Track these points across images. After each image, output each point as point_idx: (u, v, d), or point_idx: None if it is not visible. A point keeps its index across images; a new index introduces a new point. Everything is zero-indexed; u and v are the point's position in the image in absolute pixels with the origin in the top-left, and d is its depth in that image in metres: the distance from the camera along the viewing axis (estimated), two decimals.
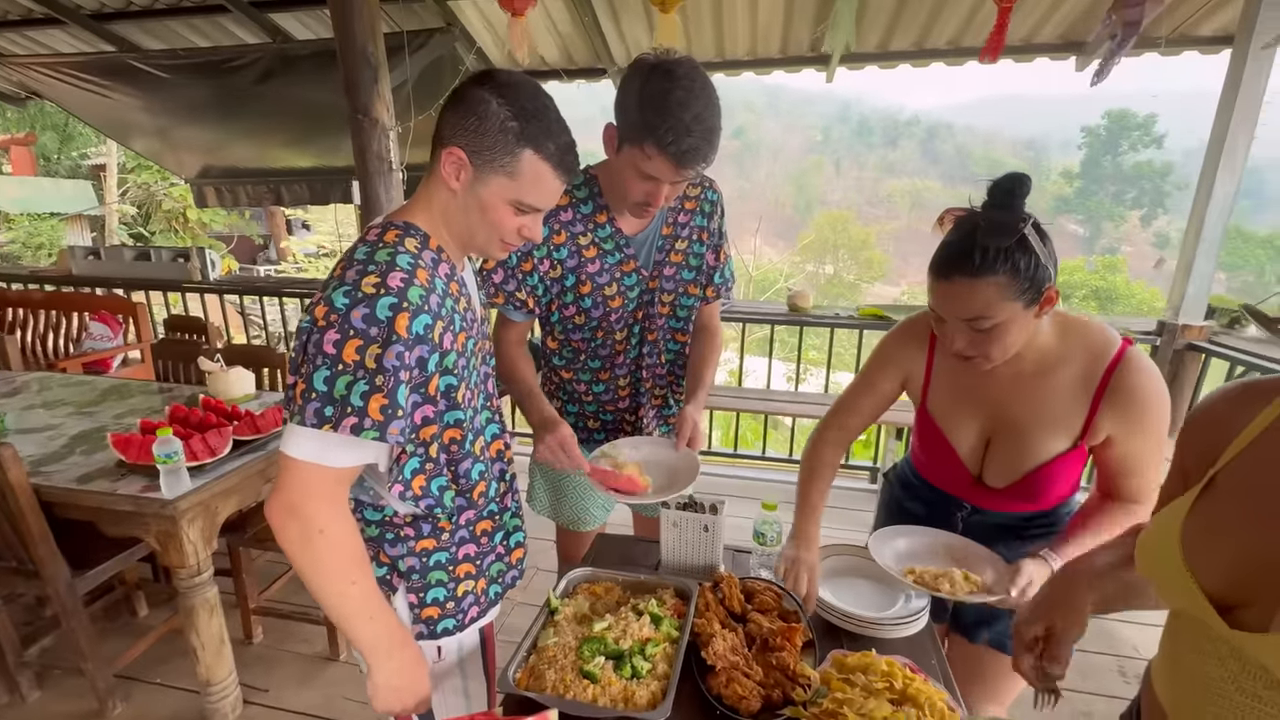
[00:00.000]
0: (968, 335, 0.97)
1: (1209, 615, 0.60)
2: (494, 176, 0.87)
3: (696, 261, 1.42)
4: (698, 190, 1.40)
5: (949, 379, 1.14)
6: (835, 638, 1.08)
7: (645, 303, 1.38)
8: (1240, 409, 0.67)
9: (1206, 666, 0.62)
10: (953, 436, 1.14)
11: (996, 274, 0.91)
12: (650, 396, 1.48)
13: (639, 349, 1.43)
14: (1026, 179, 0.93)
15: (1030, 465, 1.07)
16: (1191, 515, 0.65)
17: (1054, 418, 1.04)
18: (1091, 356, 1.01)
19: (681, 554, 1.24)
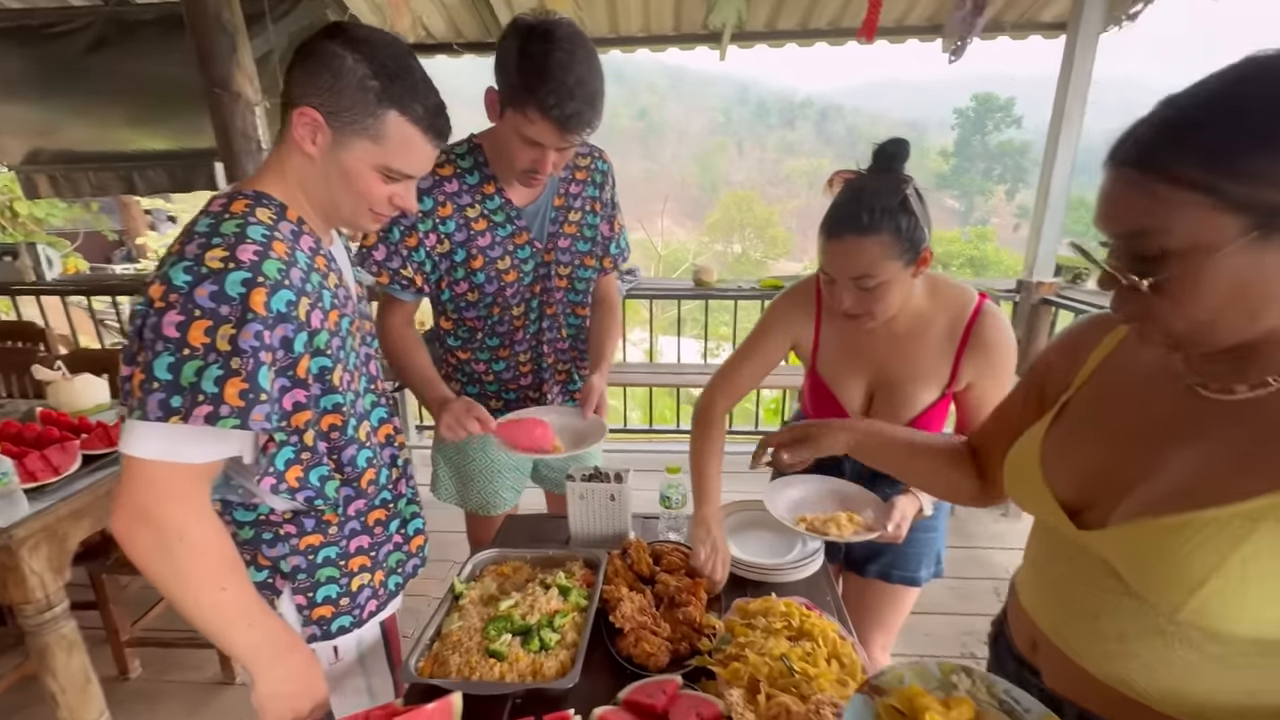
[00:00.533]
0: (855, 294, 1.02)
1: (1061, 520, 0.67)
2: (356, 140, 0.81)
3: (591, 233, 1.40)
4: (587, 160, 1.39)
5: (835, 341, 1.20)
6: (741, 587, 1.12)
7: (541, 276, 1.35)
8: (1086, 340, 0.76)
9: (1059, 567, 0.69)
10: (841, 395, 1.22)
11: (881, 233, 0.97)
12: (554, 372, 1.46)
13: (538, 324, 1.40)
14: (906, 144, 1.01)
15: (908, 416, 1.16)
16: (1048, 435, 0.73)
17: (926, 371, 1.13)
18: (954, 313, 1.11)
19: (590, 525, 1.24)
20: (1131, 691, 0.62)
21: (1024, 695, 0.65)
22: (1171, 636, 0.59)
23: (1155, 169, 0.50)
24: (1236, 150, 0.47)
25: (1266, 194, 0.46)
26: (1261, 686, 0.56)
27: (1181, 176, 0.48)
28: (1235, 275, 0.50)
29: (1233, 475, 0.55)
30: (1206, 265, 0.49)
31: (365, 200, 0.86)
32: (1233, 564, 0.52)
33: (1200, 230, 0.49)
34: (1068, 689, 0.69)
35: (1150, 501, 0.59)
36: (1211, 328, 0.53)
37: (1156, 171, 0.50)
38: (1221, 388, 0.58)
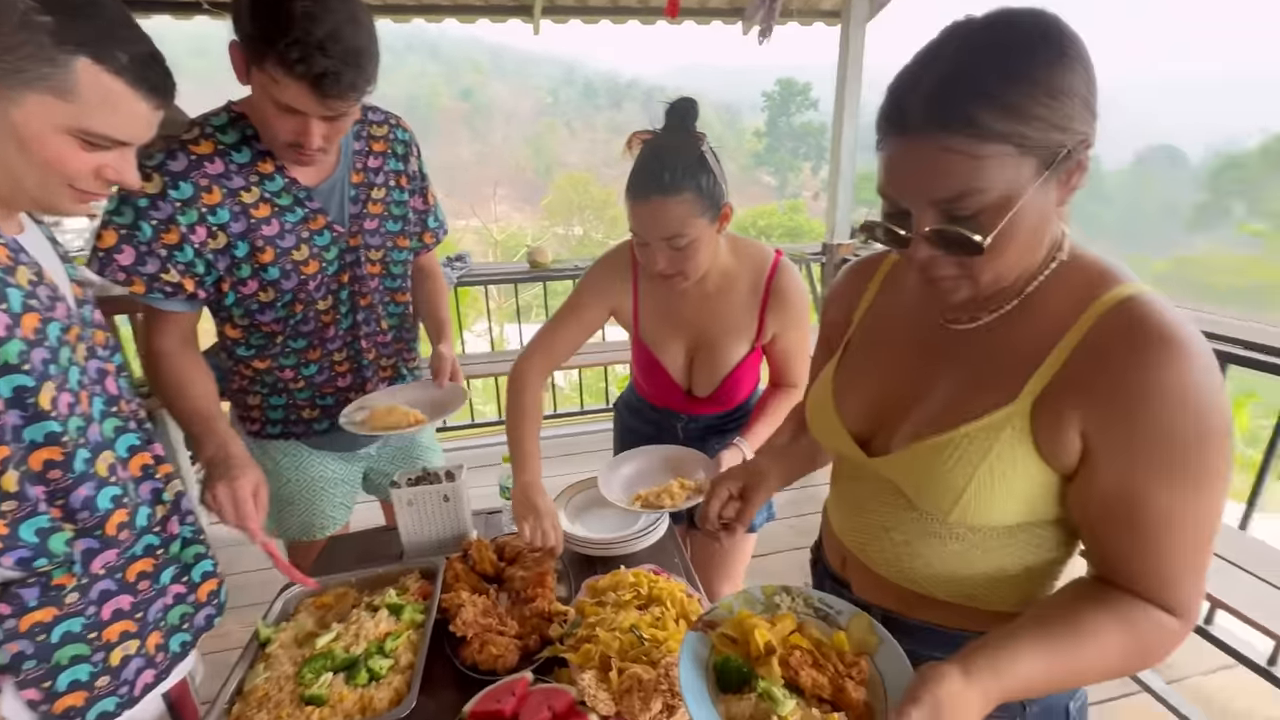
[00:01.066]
0: (668, 254, 1.04)
1: (854, 450, 0.74)
2: (30, 94, 0.62)
3: (400, 210, 1.26)
4: (385, 130, 1.24)
5: (653, 306, 1.22)
6: (590, 566, 1.10)
7: (349, 264, 1.19)
8: (856, 283, 0.83)
9: (857, 491, 0.77)
10: (663, 358, 1.25)
11: (684, 191, 0.99)
12: (377, 369, 1.31)
13: (352, 317, 1.23)
14: (694, 102, 1.04)
15: (724, 372, 1.22)
16: (836, 375, 0.79)
17: (736, 326, 1.20)
18: (755, 270, 1.17)
19: (425, 532, 1.14)
20: (918, 586, 0.72)
21: (836, 600, 0.72)
22: (944, 536, 0.68)
23: (964, 128, 0.50)
24: (1022, 95, 0.50)
25: (1049, 133, 0.51)
26: (1007, 562, 0.67)
27: (990, 130, 0.50)
28: (1031, 217, 0.54)
29: (976, 394, 0.63)
30: (1015, 213, 0.52)
31: (58, 173, 0.67)
32: (982, 472, 0.61)
33: (1010, 180, 0.52)
34: (872, 594, 0.77)
35: (920, 426, 0.67)
36: (1010, 271, 0.58)
37: (966, 130, 0.50)
38: (971, 318, 0.66)
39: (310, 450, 1.30)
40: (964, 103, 0.50)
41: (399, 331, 1.33)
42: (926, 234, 0.55)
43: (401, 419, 1.14)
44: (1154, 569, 0.57)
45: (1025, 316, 0.62)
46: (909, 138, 0.54)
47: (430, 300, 1.38)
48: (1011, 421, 0.60)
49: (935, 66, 0.53)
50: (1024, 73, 0.50)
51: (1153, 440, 0.53)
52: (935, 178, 0.53)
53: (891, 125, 0.55)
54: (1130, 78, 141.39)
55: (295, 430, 1.27)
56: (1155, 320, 0.54)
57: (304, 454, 1.30)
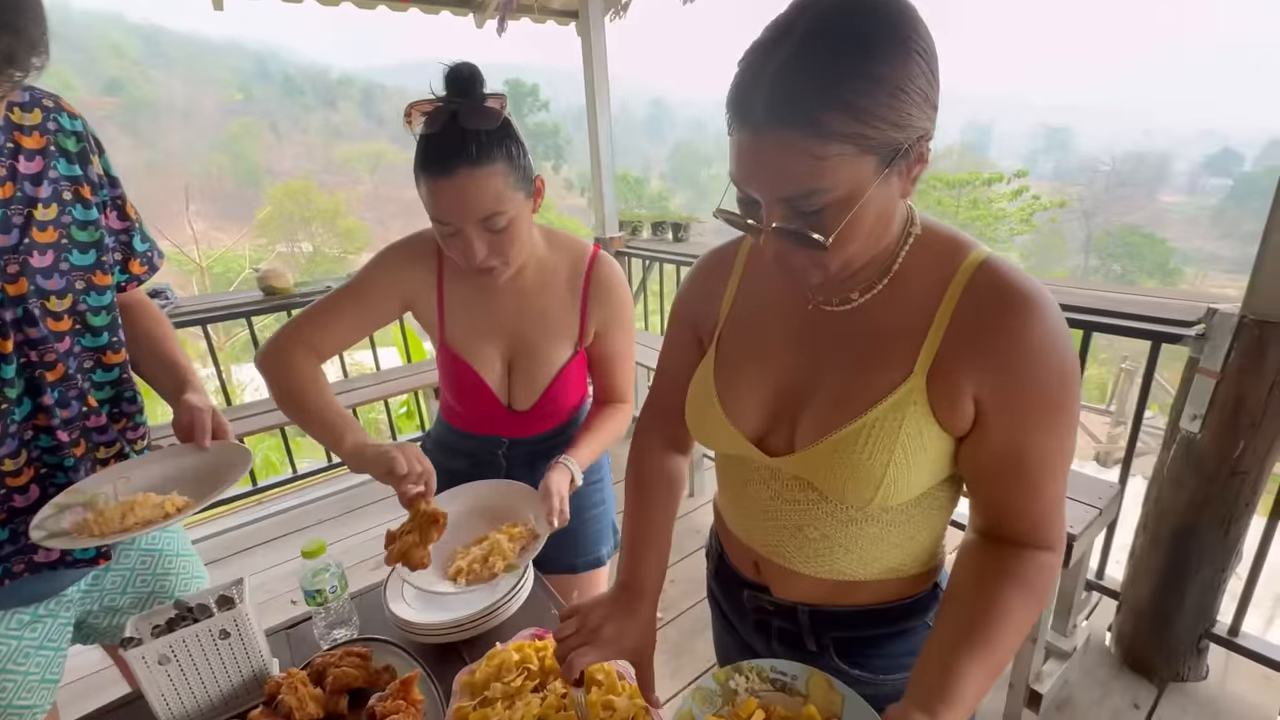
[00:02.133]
0: (485, 238, 0.91)
1: (750, 451, 0.69)
2: None
3: (90, 234, 0.87)
4: (37, 116, 0.83)
5: (462, 306, 1.06)
6: (454, 656, 0.89)
7: (14, 322, 0.78)
8: (715, 276, 0.77)
9: (756, 491, 0.72)
10: (478, 366, 1.08)
11: (496, 162, 0.87)
12: (91, 465, 0.90)
13: (33, 400, 0.82)
14: (475, 67, 0.89)
15: (546, 379, 1.08)
16: (717, 374, 0.73)
17: (557, 325, 1.07)
18: (573, 261, 1.07)
19: (197, 694, 0.79)
20: (841, 575, 0.70)
21: (788, 664, 0.68)
22: (861, 521, 0.67)
23: (806, 127, 0.48)
24: (865, 95, 0.48)
25: (889, 132, 0.50)
26: (919, 528, 0.69)
27: (832, 132, 0.48)
28: (875, 209, 0.54)
29: (869, 375, 0.62)
30: (859, 209, 0.52)
31: None
32: (897, 454, 0.61)
33: (852, 179, 0.51)
34: (794, 593, 0.74)
35: (822, 418, 0.65)
36: (858, 258, 0.58)
37: (808, 129, 0.48)
38: (842, 300, 0.66)
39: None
40: (805, 102, 0.48)
41: (118, 404, 0.94)
42: (775, 229, 0.54)
43: (154, 510, 0.80)
44: (1037, 511, 0.61)
45: (896, 292, 0.63)
46: (754, 130, 0.51)
47: (152, 339, 1.02)
48: (912, 396, 0.60)
49: (779, 53, 0.49)
50: (865, 69, 0.48)
51: (1033, 392, 0.57)
52: (780, 174, 0.51)
53: (738, 115, 0.52)
54: None
55: None
56: (1015, 281, 0.58)
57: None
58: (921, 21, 0.51)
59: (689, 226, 3.56)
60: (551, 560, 1.18)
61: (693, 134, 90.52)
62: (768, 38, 0.51)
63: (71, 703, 1.19)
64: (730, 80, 0.53)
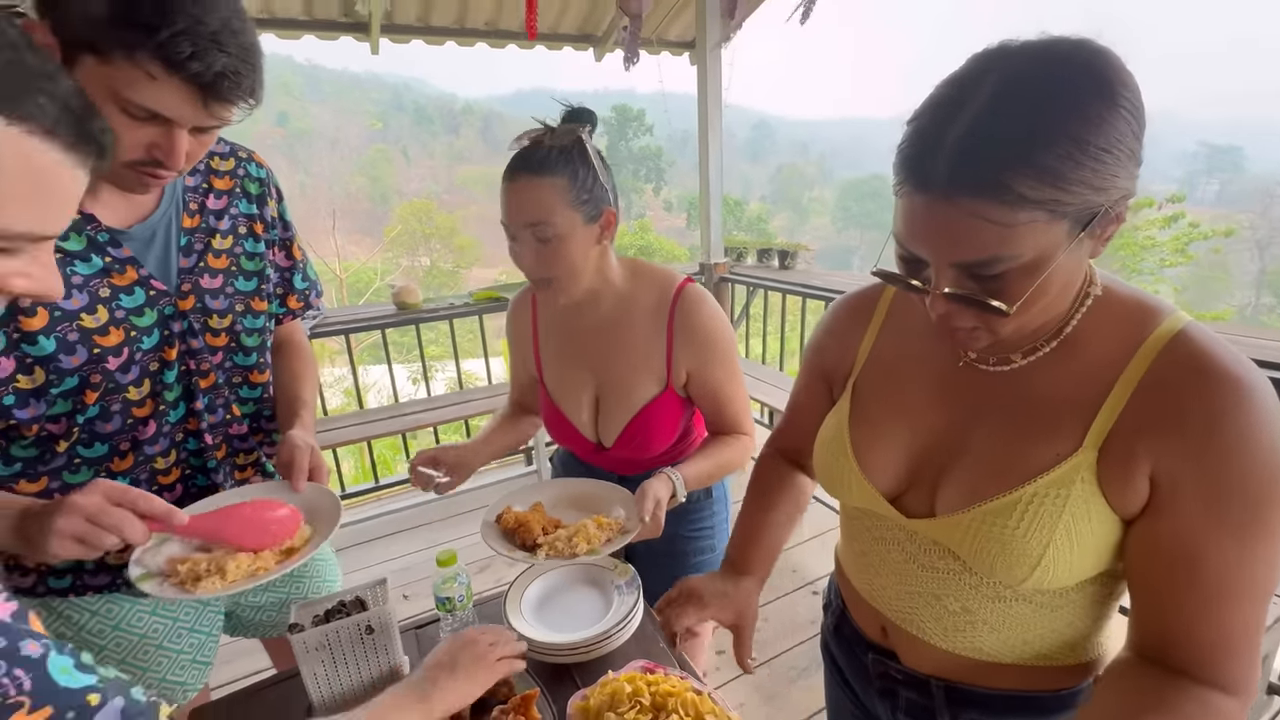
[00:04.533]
0: (533, 248, 0.95)
1: (887, 510, 0.66)
2: None
3: (254, 265, 0.99)
4: (230, 164, 0.97)
5: (553, 345, 1.13)
6: (566, 675, 0.92)
7: (180, 334, 0.89)
8: (855, 321, 0.75)
9: (888, 552, 0.68)
10: (565, 407, 1.13)
11: (556, 174, 0.92)
12: (230, 470, 1.01)
13: (186, 405, 0.93)
14: (592, 113, 0.99)
15: (629, 415, 1.08)
16: (852, 424, 0.71)
17: (640, 361, 1.06)
18: (658, 295, 1.06)
19: (342, 680, 0.87)
20: (981, 654, 0.65)
21: None
22: (1010, 600, 0.62)
23: (994, 194, 0.45)
24: (1063, 158, 0.45)
25: (1088, 196, 0.46)
26: (1078, 616, 0.63)
27: (1024, 199, 0.45)
28: (1063, 275, 0.50)
29: (1032, 444, 0.57)
30: (1046, 275, 0.49)
31: None
32: (1060, 533, 0.55)
33: (1042, 244, 0.48)
34: (927, 665, 0.69)
35: (971, 485, 0.60)
36: (1034, 322, 0.54)
37: (996, 197, 0.45)
38: (1000, 360, 0.61)
39: (131, 600, 0.95)
40: (996, 166, 0.45)
41: (257, 421, 1.04)
42: (945, 294, 0.51)
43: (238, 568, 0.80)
44: (1209, 635, 0.52)
45: (1067, 357, 0.58)
46: (932, 197, 0.48)
47: (290, 374, 1.09)
48: (1080, 473, 0.55)
49: (963, 116, 0.46)
50: (1068, 130, 0.44)
51: (1224, 486, 0.50)
52: (959, 241, 0.48)
53: (911, 178, 0.49)
54: None
55: (96, 581, 0.91)
56: (1218, 357, 0.51)
57: (122, 606, 0.94)
58: (1128, 71, 0.47)
59: (796, 254, 3.50)
60: (654, 598, 1.19)
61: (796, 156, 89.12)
62: (947, 95, 0.48)
63: None
64: (904, 131, 0.51)
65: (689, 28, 3.62)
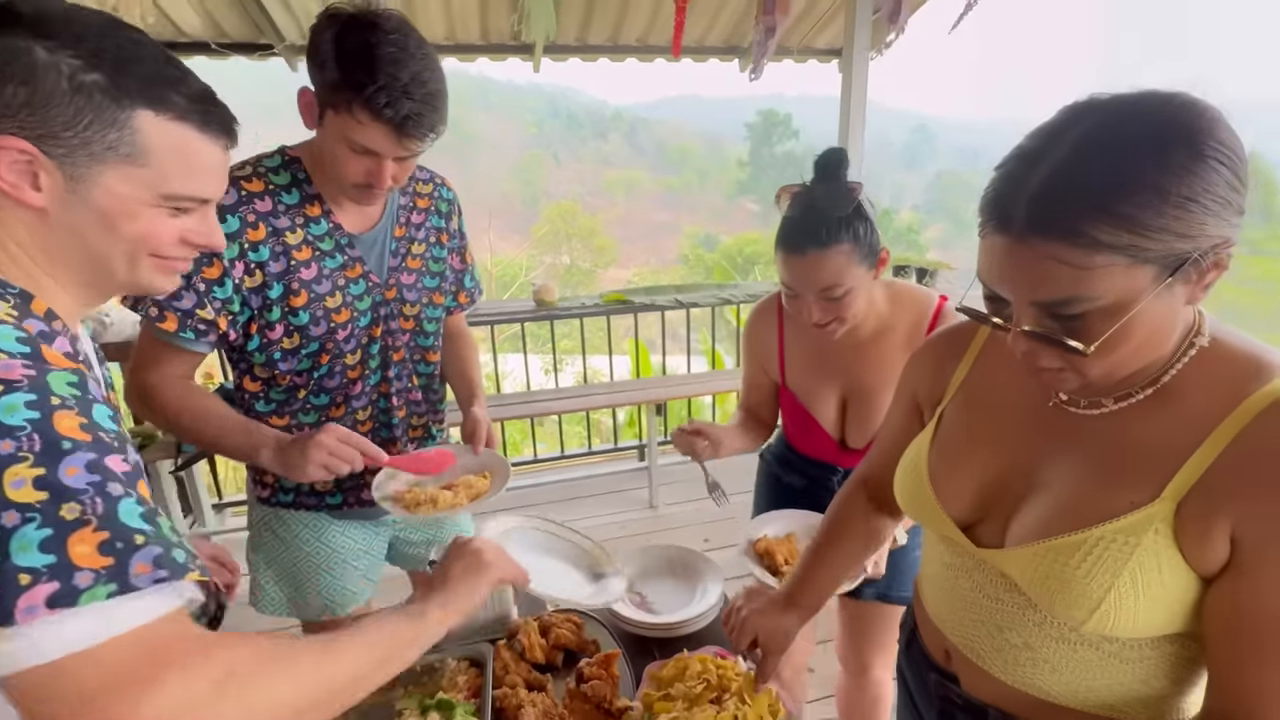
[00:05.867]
0: (822, 305, 1.02)
1: (958, 536, 0.68)
2: (102, 169, 0.55)
3: (438, 267, 1.23)
4: (429, 188, 1.22)
5: (801, 354, 1.20)
6: (646, 650, 1.02)
7: (383, 317, 1.14)
8: (947, 353, 0.77)
9: (962, 580, 0.70)
10: (813, 408, 1.21)
11: (843, 242, 0.97)
12: (407, 428, 1.25)
13: (382, 373, 1.18)
14: (844, 152, 1.02)
15: (880, 421, 1.12)
16: (932, 451, 0.73)
17: (892, 373, 1.09)
18: (915, 316, 1.13)
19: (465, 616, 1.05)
20: (1041, 693, 0.65)
21: None
22: (1074, 643, 0.62)
23: (1069, 238, 0.47)
24: (1141, 206, 0.46)
25: (1173, 243, 0.47)
26: (1154, 674, 0.60)
27: (1100, 241, 0.47)
28: (1151, 320, 0.50)
29: (1110, 489, 0.57)
30: (1129, 318, 0.49)
31: (148, 246, 0.60)
32: (1124, 580, 0.55)
33: (1122, 289, 0.48)
34: (987, 694, 0.70)
35: (1042, 521, 0.61)
36: (1123, 367, 0.54)
37: (1071, 241, 0.47)
38: (1090, 403, 0.61)
39: (331, 519, 1.23)
40: (1071, 213, 0.47)
41: (427, 392, 1.28)
42: (1025, 332, 0.53)
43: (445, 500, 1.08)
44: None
45: (1161, 406, 0.57)
46: (1012, 240, 0.50)
47: (461, 360, 1.34)
48: (1154, 523, 0.54)
49: (1045, 163, 0.49)
50: (1147, 180, 0.45)
51: None
52: (1037, 282, 0.50)
53: (993, 220, 0.52)
54: None
55: (307, 502, 1.20)
56: None
57: (324, 523, 1.22)
58: (1224, 124, 0.47)
59: (935, 274, 3.31)
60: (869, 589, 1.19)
61: (959, 163, 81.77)
62: (1033, 145, 0.51)
63: None
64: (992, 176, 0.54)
65: (838, 36, 3.56)
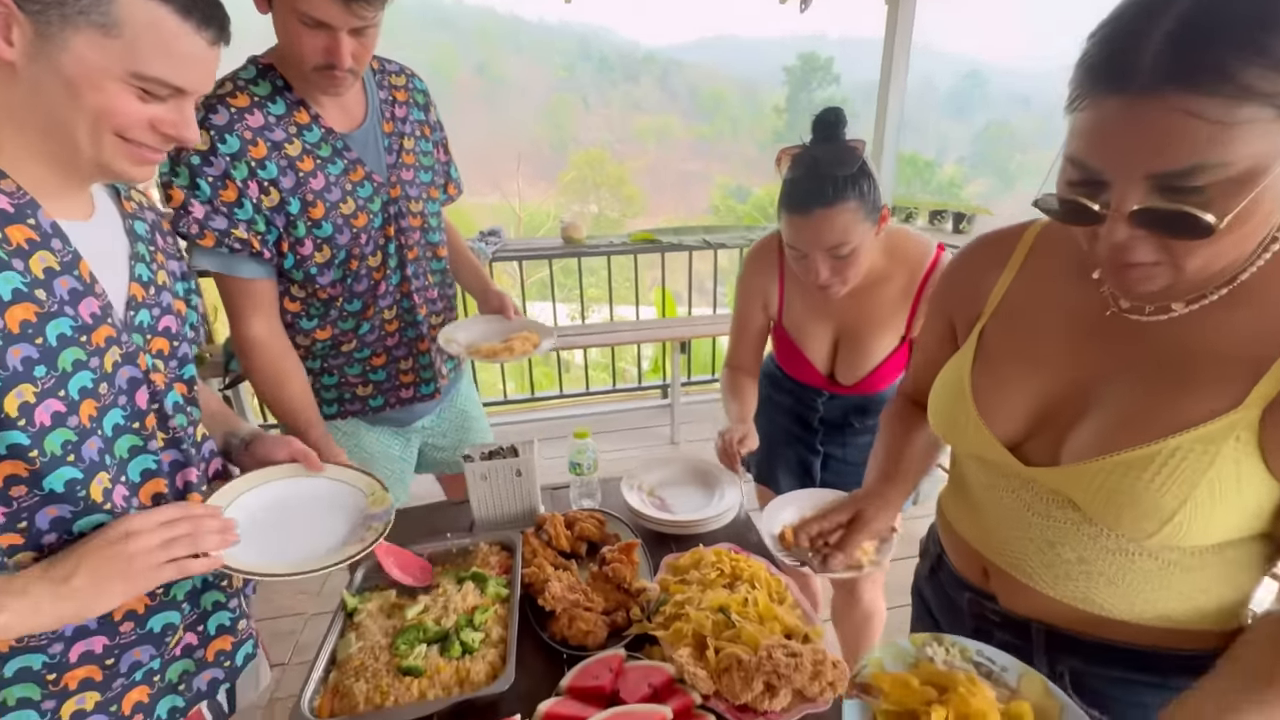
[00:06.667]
0: (829, 264, 1.05)
1: (1003, 458, 0.65)
2: (76, 35, 0.56)
3: (428, 160, 1.25)
4: (403, 80, 1.23)
5: (799, 297, 1.24)
6: (664, 544, 1.09)
7: (394, 216, 1.17)
8: (983, 267, 0.72)
9: (1001, 499, 0.67)
10: (805, 347, 1.27)
11: (849, 200, 0.99)
12: (429, 325, 1.32)
13: (401, 272, 1.23)
14: (842, 111, 1.03)
15: (870, 366, 1.22)
16: (974, 371, 0.69)
17: (884, 321, 1.18)
18: (912, 266, 1.15)
19: (496, 507, 1.12)
20: (1093, 606, 0.63)
21: (996, 652, 0.64)
22: (1134, 554, 0.59)
23: (1216, 85, 0.40)
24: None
25: None
26: (1214, 581, 0.59)
27: (1251, 89, 0.39)
28: (1275, 195, 0.43)
29: (1183, 398, 0.53)
30: (1260, 190, 0.42)
31: (109, 124, 0.60)
32: (1201, 491, 0.52)
33: (1259, 152, 0.41)
34: (1029, 608, 0.68)
35: (1103, 435, 0.57)
36: (1222, 258, 0.47)
37: (1219, 88, 0.40)
38: (1157, 309, 0.56)
39: (368, 426, 1.31)
40: (1218, 52, 0.39)
41: (443, 289, 1.35)
42: (1134, 212, 0.45)
43: (524, 343, 1.27)
44: None
45: (1238, 307, 0.52)
46: (1133, 96, 0.42)
47: (461, 253, 1.42)
48: (1236, 431, 0.51)
49: (1175, 6, 0.41)
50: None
51: None
52: (1163, 147, 0.42)
53: (1108, 80, 0.44)
54: None
55: (351, 408, 1.28)
56: None
57: (361, 430, 1.31)
58: None
59: (974, 218, 3.21)
60: None
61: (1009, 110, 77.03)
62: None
63: None
64: (1086, 45, 0.46)
65: None
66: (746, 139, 62.50)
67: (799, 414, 1.35)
